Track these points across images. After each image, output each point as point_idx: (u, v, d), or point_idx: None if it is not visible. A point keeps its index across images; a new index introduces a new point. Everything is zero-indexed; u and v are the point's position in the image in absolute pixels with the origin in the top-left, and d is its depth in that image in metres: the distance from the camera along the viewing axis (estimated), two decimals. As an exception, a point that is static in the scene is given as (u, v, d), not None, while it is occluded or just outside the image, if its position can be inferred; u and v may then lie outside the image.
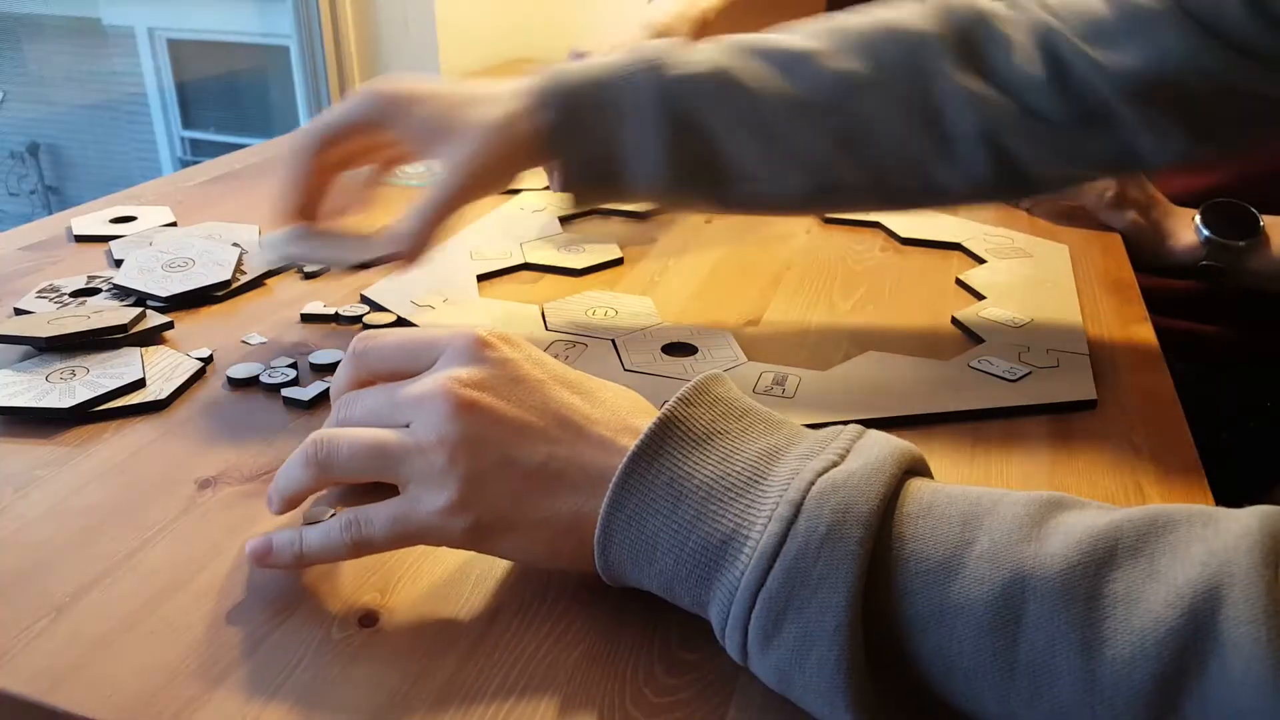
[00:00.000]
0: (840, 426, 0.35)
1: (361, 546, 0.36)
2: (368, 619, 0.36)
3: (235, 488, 0.44)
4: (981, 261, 0.72)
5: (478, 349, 0.37)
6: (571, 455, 0.35)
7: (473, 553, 0.40)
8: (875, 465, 0.32)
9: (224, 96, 2.44)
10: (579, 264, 0.70)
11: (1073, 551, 0.29)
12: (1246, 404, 0.84)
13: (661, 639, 0.36)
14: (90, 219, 0.77)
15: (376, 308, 0.63)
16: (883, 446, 0.33)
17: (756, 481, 0.33)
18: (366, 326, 0.60)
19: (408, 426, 0.36)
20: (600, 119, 0.54)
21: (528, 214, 0.82)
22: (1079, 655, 0.27)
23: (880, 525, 0.31)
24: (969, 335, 0.60)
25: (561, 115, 0.53)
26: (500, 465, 0.35)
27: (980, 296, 0.66)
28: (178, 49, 2.34)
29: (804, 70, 0.54)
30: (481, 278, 0.68)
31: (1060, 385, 0.53)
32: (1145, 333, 0.62)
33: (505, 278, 0.69)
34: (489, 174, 0.54)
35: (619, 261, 0.71)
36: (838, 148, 0.54)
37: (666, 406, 0.35)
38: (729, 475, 0.33)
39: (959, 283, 0.68)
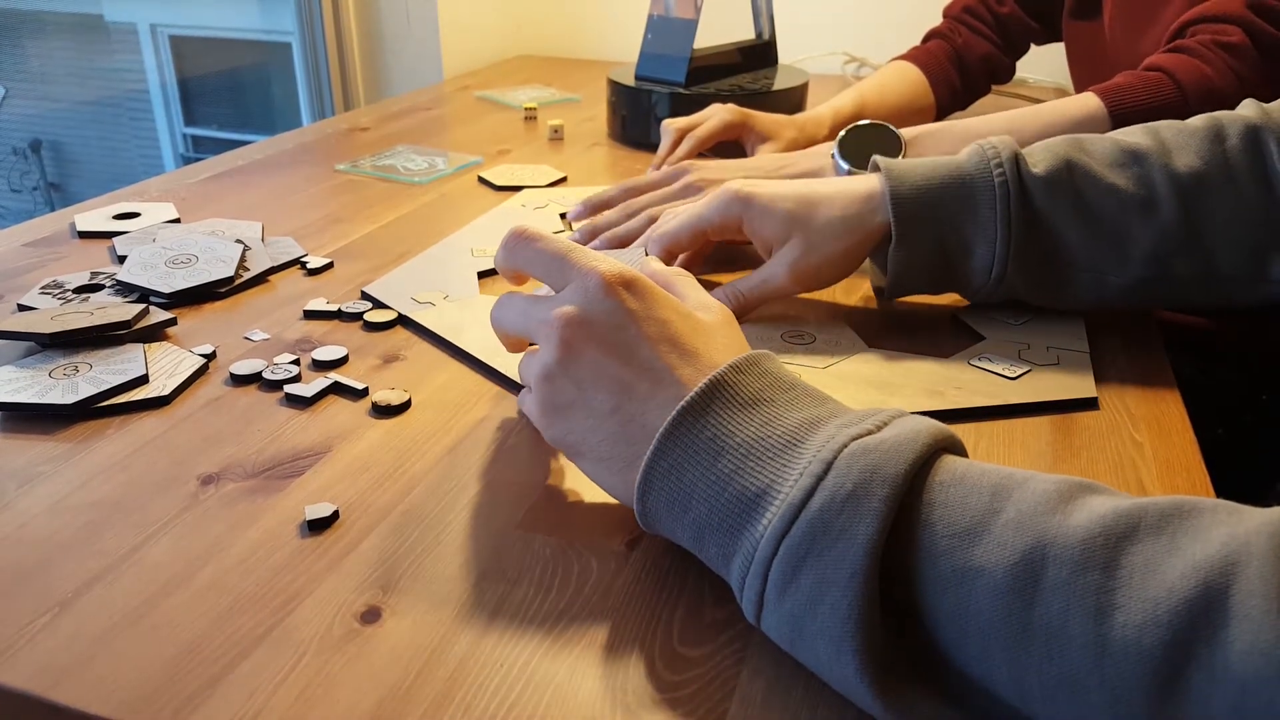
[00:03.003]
0: (882, 408, 0.36)
1: (524, 409, 0.44)
2: (370, 615, 0.36)
3: (237, 484, 0.44)
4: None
5: (600, 292, 0.39)
6: (639, 411, 0.38)
7: (473, 549, 0.40)
8: (909, 436, 0.33)
9: (226, 93, 2.44)
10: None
11: (1095, 525, 0.29)
12: (1242, 399, 0.84)
13: (663, 635, 0.36)
14: (93, 215, 0.77)
15: (378, 304, 0.63)
16: (920, 423, 0.34)
17: (795, 445, 0.34)
18: (368, 324, 0.60)
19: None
20: (950, 213, 0.56)
21: (529, 211, 0.82)
22: (1092, 620, 0.28)
23: (908, 490, 0.32)
24: (969, 332, 0.60)
25: (909, 210, 0.56)
26: (574, 404, 0.39)
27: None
28: (180, 45, 2.34)
29: (1140, 169, 0.55)
30: (483, 274, 0.68)
31: (1061, 383, 0.53)
32: (1147, 329, 0.61)
33: (507, 275, 0.69)
34: (825, 272, 0.59)
35: (621, 259, 0.71)
36: (1175, 239, 0.55)
37: (717, 371, 0.36)
38: (769, 438, 0.35)
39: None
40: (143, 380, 0.52)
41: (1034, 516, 0.30)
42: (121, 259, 0.68)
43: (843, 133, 0.74)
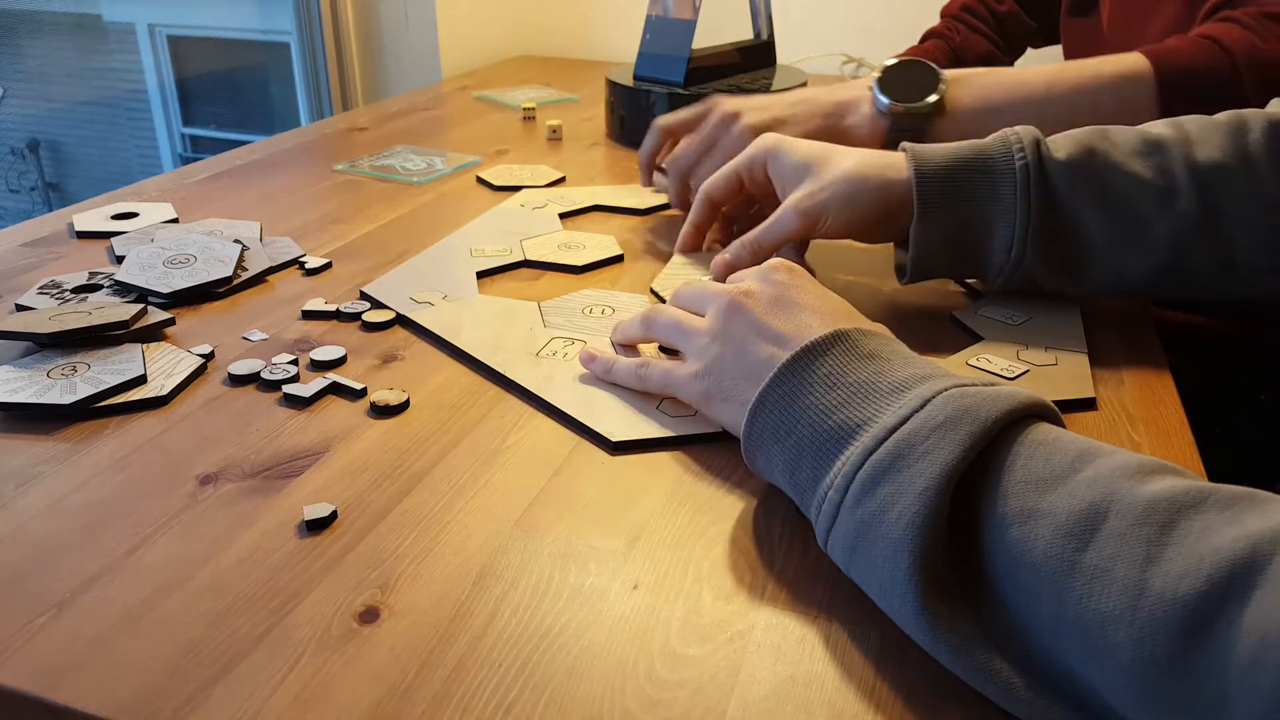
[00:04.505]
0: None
1: (642, 381, 0.51)
2: (368, 615, 0.37)
3: (236, 484, 0.44)
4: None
5: (769, 271, 0.47)
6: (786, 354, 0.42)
7: (471, 549, 0.40)
8: (1008, 393, 0.36)
9: (224, 93, 2.43)
10: (579, 261, 0.70)
11: (1164, 493, 0.31)
12: (1240, 397, 0.84)
13: (662, 636, 0.36)
14: (92, 215, 0.77)
15: (376, 304, 0.63)
16: (1026, 391, 0.36)
17: (901, 391, 0.38)
18: (366, 324, 0.60)
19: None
20: (971, 192, 0.57)
21: (528, 211, 0.82)
22: (1137, 567, 0.29)
23: (998, 438, 0.34)
24: (967, 333, 0.60)
25: (932, 185, 0.57)
26: (737, 354, 0.45)
27: (979, 294, 0.66)
28: (178, 45, 2.34)
29: (1161, 158, 0.56)
30: (481, 274, 0.68)
31: (1059, 383, 0.53)
32: (1145, 329, 0.62)
33: (505, 275, 0.69)
34: (832, 215, 0.60)
35: (619, 259, 0.72)
36: (1194, 229, 0.55)
37: (843, 326, 0.41)
38: (879, 384, 0.38)
39: (958, 280, 0.68)
40: (141, 380, 0.52)
41: (1110, 478, 0.32)
42: (120, 259, 0.68)
43: (883, 65, 0.75)
